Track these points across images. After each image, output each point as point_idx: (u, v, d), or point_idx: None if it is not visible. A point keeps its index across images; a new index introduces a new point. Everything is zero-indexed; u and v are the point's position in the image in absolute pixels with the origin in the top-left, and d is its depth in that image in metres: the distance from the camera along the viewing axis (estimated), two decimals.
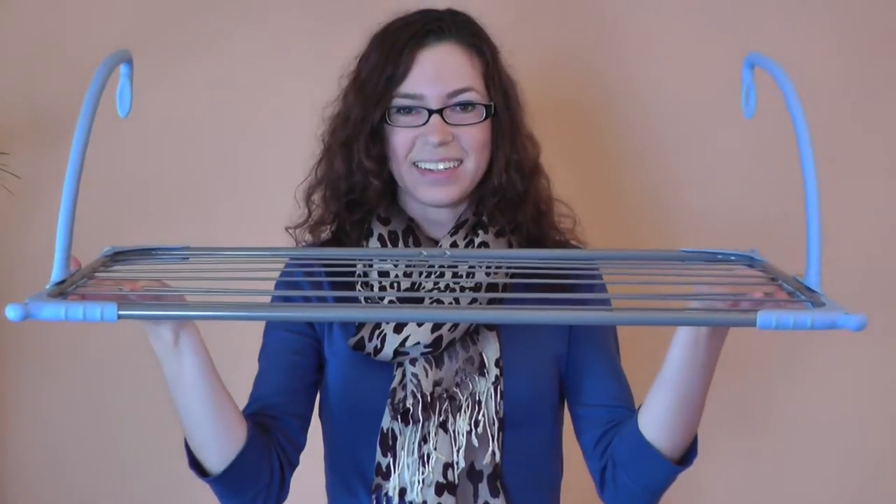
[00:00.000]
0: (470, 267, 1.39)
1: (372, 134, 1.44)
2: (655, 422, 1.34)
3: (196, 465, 1.37)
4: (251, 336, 1.52)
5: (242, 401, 1.42)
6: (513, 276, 1.37)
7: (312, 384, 1.49)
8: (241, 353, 1.57)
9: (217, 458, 1.35)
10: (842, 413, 2.10)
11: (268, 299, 1.37)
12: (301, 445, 1.47)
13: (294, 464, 1.46)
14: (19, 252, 2.08)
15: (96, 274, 1.14)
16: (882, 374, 2.08)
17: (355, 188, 1.47)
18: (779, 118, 1.10)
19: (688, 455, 1.38)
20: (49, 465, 2.15)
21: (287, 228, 1.56)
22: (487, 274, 1.41)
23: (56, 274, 1.04)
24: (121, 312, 0.95)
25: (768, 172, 2.01)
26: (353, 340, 1.43)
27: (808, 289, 1.06)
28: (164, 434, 2.07)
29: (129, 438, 2.13)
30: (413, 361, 1.42)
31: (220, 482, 1.36)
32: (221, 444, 1.34)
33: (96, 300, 0.97)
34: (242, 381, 1.45)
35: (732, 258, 1.27)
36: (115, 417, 2.13)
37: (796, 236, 1.11)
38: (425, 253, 1.32)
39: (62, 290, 1.02)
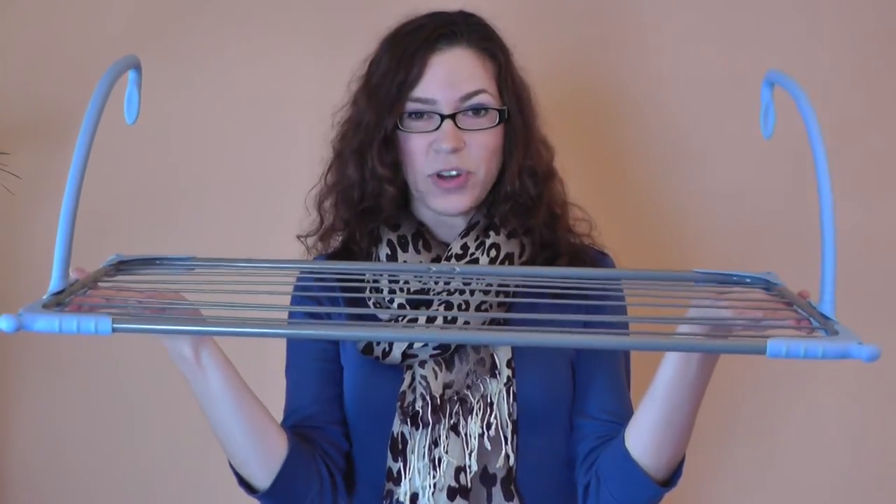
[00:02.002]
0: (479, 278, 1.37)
1: (385, 140, 1.43)
2: (641, 439, 1.32)
3: (245, 483, 1.38)
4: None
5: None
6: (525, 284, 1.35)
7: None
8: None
9: (261, 473, 1.36)
10: (845, 415, 2.08)
11: (271, 314, 1.36)
12: (346, 449, 1.47)
13: (342, 468, 1.47)
14: (20, 252, 2.08)
15: (99, 283, 1.12)
16: (887, 377, 2.05)
17: (369, 196, 1.46)
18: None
19: (673, 476, 1.36)
20: (51, 467, 2.15)
21: (299, 237, 1.56)
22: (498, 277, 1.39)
23: (54, 285, 1.03)
24: (115, 326, 0.94)
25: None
26: (361, 345, 1.43)
27: (823, 315, 1.03)
28: (168, 435, 2.10)
29: (133, 439, 2.13)
30: (422, 364, 1.41)
31: (269, 497, 1.37)
32: (262, 458, 1.35)
33: (90, 313, 0.96)
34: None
35: (748, 280, 1.23)
36: (119, 418, 2.13)
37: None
38: (434, 269, 1.30)
39: (59, 301, 1.01)
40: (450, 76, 1.41)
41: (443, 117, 1.40)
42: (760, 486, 2.09)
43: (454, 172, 1.41)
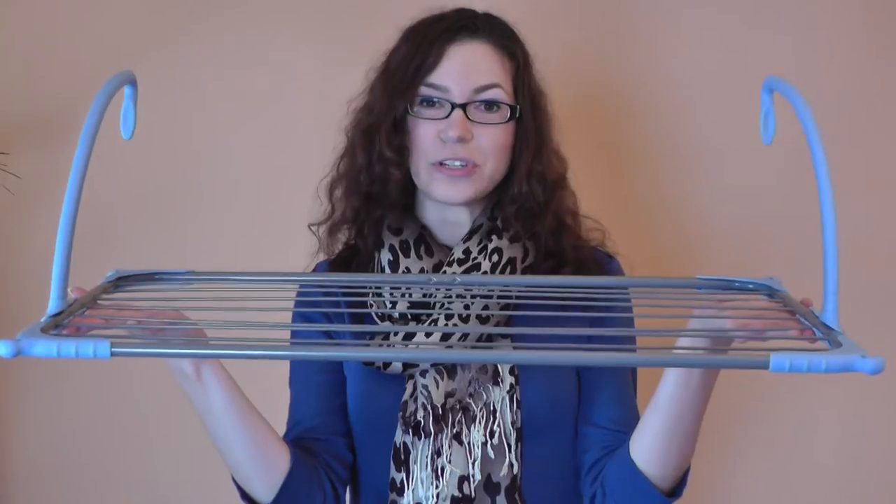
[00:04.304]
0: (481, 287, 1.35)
1: (395, 124, 1.42)
2: (646, 449, 1.31)
3: (247, 497, 1.38)
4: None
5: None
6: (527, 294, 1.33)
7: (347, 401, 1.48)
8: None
9: (264, 487, 1.35)
10: (848, 420, 2.07)
11: (272, 332, 1.35)
12: (349, 462, 1.47)
13: (345, 481, 1.47)
14: (20, 252, 2.08)
15: (98, 301, 1.12)
16: (890, 379, 2.03)
17: (376, 180, 1.45)
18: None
19: (678, 486, 1.35)
20: (56, 471, 2.15)
21: (310, 226, 1.55)
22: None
23: (52, 307, 1.02)
24: (114, 350, 0.93)
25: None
26: None
27: (826, 326, 1.03)
28: (172, 439, 2.11)
29: (132, 445, 2.14)
30: (423, 373, 1.40)
31: None
32: (265, 473, 1.35)
33: (89, 338, 0.95)
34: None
35: (750, 286, 1.22)
36: (124, 423, 2.13)
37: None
38: (434, 279, 1.29)
39: (57, 322, 1.00)
40: (466, 66, 1.41)
41: (454, 106, 1.39)
42: (764, 493, 2.09)
43: (458, 163, 1.40)
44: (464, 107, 1.40)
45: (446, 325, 1.37)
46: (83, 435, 2.13)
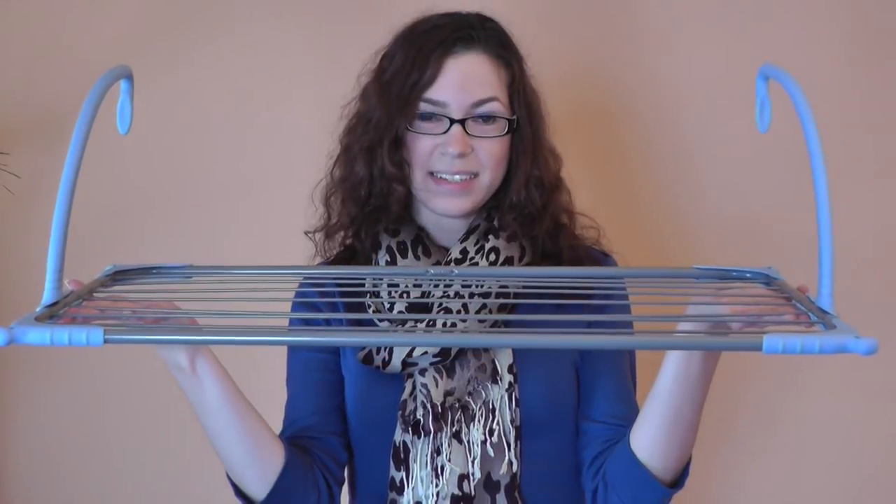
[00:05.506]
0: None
1: (395, 140, 1.42)
2: (647, 440, 1.31)
3: (242, 494, 1.37)
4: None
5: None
6: (525, 286, 1.34)
7: (344, 400, 1.48)
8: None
9: (257, 484, 1.35)
10: (846, 412, 2.07)
11: (269, 321, 1.35)
12: (344, 461, 1.46)
13: (340, 480, 1.46)
14: (19, 251, 2.08)
15: (95, 294, 1.12)
16: (887, 371, 2.04)
17: (377, 195, 1.45)
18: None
19: (680, 477, 1.35)
20: (46, 470, 2.15)
21: (306, 232, 1.55)
22: (497, 281, 1.37)
23: (47, 297, 1.02)
24: (107, 337, 0.93)
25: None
26: (361, 354, 1.41)
27: (821, 310, 1.03)
28: (161, 438, 2.10)
29: (128, 442, 2.13)
30: (423, 372, 1.39)
31: None
32: (259, 469, 1.34)
33: (82, 325, 0.95)
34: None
35: (748, 276, 1.22)
36: (113, 421, 2.13)
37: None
38: (432, 271, 1.29)
39: (52, 313, 1.01)
40: (464, 81, 1.40)
41: (452, 121, 1.39)
42: (761, 483, 2.09)
43: (458, 177, 1.41)
44: (462, 122, 1.40)
45: (445, 321, 1.37)
46: (73, 443, 2.14)
